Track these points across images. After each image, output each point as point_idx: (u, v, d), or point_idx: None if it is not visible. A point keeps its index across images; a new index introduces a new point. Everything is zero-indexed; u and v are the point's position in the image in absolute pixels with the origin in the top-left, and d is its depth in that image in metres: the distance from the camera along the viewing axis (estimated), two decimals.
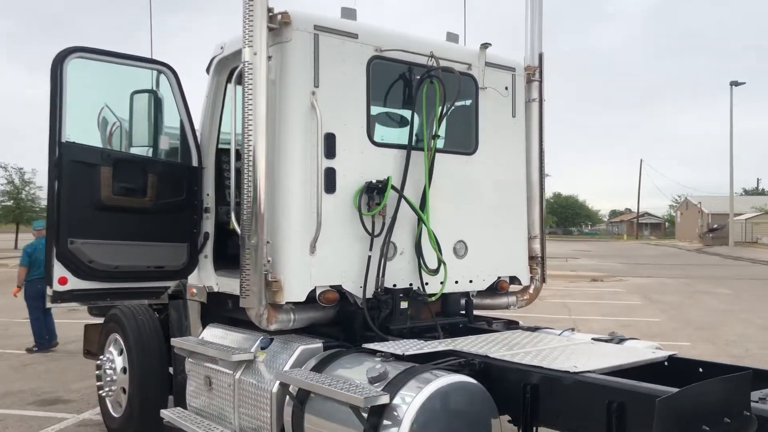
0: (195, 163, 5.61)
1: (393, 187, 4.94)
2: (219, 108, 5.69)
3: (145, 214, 5.35)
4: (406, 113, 5.48)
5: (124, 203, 5.24)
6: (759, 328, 13.82)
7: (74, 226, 5.04)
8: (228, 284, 5.40)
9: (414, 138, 5.21)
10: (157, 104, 5.59)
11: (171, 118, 5.79)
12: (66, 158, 4.99)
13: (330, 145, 4.76)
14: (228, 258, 5.74)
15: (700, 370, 4.18)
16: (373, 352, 4.36)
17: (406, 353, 4.17)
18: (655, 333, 12.54)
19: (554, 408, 3.78)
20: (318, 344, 4.69)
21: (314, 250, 4.69)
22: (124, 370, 6.23)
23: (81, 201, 5.08)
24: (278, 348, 4.75)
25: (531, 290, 6.07)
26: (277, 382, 4.46)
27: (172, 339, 5.56)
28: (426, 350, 4.24)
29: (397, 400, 3.68)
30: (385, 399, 3.66)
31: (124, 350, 6.25)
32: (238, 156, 4.77)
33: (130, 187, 5.29)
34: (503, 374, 4.01)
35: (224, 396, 4.93)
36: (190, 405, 5.39)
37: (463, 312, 5.60)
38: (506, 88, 5.81)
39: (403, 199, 5.01)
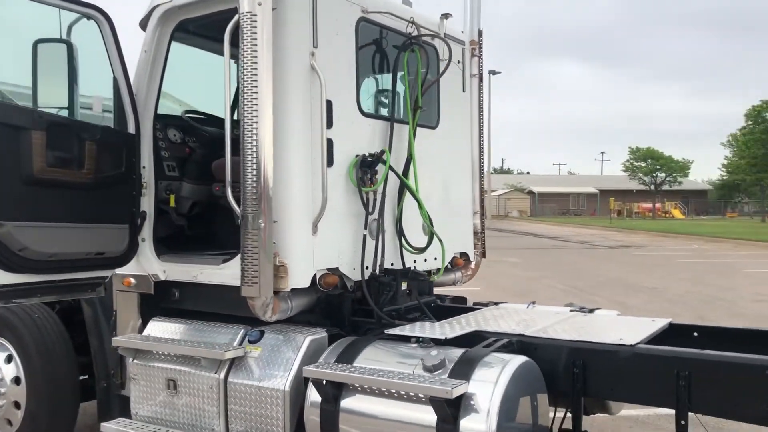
0: (132, 129, 4.74)
1: (384, 162, 4.60)
2: (160, 67, 4.85)
3: (82, 191, 4.40)
4: (386, 83, 5.14)
5: (60, 177, 4.26)
6: (563, 291, 15.34)
7: (2, 206, 3.99)
8: (179, 271, 4.68)
9: (394, 110, 4.91)
10: (70, 57, 4.61)
11: (92, 76, 4.83)
12: None
13: (329, 113, 4.28)
14: (165, 241, 4.97)
15: (695, 334, 4.47)
16: (399, 338, 4.05)
17: (449, 337, 3.93)
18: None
19: (608, 381, 3.81)
20: (322, 334, 4.25)
21: (316, 230, 4.21)
22: (16, 380, 5.15)
23: (8, 174, 4.02)
24: (275, 341, 4.22)
25: (472, 266, 6.07)
26: (290, 380, 3.97)
27: (114, 339, 4.68)
28: (459, 333, 4.03)
29: (472, 388, 3.45)
30: (465, 388, 3.42)
31: (16, 357, 5.17)
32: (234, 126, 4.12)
33: (66, 157, 4.31)
34: (545, 351, 3.94)
35: (202, 399, 4.27)
36: (138, 414, 4.60)
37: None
38: (458, 62, 5.69)
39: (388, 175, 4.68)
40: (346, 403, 3.75)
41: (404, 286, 4.63)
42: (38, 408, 5.07)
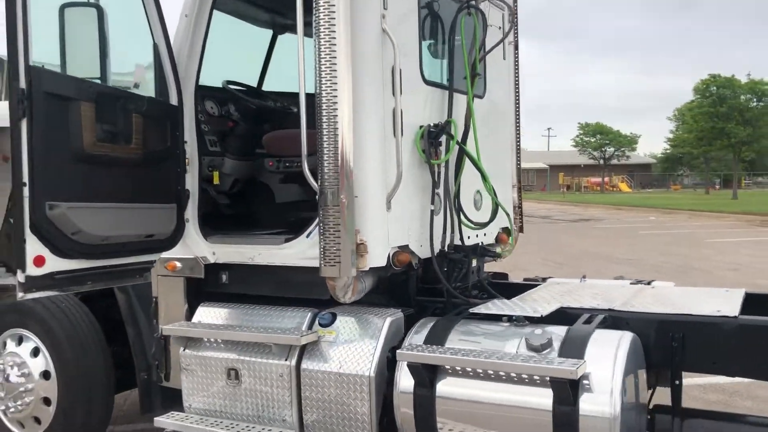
0: (173, 101, 4.37)
1: (448, 134, 4.36)
2: (202, 32, 4.49)
3: (130, 168, 4.04)
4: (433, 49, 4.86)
5: (109, 152, 3.88)
6: (545, 265, 15.43)
7: (54, 185, 3.61)
8: (232, 253, 4.37)
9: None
10: (101, 22, 4.21)
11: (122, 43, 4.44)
12: (38, 89, 3.51)
13: (397, 80, 4.01)
14: (208, 221, 4.64)
15: None
16: (482, 318, 3.85)
17: (544, 314, 3.74)
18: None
19: (710, 355, 3.69)
20: (399, 315, 4.01)
21: (390, 206, 3.95)
22: (45, 375, 4.77)
23: (59, 150, 3.64)
24: (350, 324, 3.97)
25: (512, 241, 5.89)
26: (375, 365, 3.73)
27: (165, 327, 4.34)
28: (550, 310, 3.84)
29: (590, 367, 3.28)
30: (585, 367, 3.24)
31: (44, 349, 4.78)
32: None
33: (115, 130, 3.94)
34: (638, 326, 3.79)
35: (270, 388, 4.00)
36: (192, 407, 4.30)
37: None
38: (499, 28, 5.46)
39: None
40: (444, 387, 3.54)
41: (474, 263, 4.42)
42: (72, 403, 4.70)
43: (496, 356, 3.38)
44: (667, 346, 3.70)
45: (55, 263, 3.65)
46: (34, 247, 3.55)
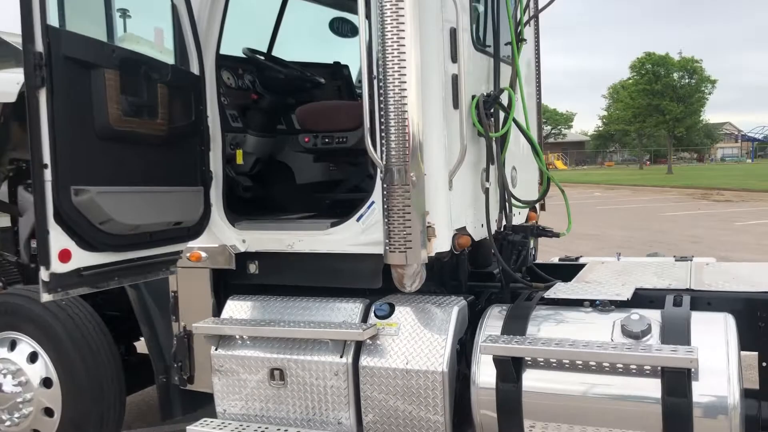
0: (195, 70, 3.87)
1: (500, 104, 4.01)
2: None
3: (157, 146, 3.54)
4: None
5: (135, 128, 3.37)
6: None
7: (79, 167, 3.09)
8: (267, 240, 3.94)
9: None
10: None
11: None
12: (57, 52, 2.97)
13: (454, 45, 3.63)
14: (234, 206, 4.17)
15: None
16: (561, 303, 3.55)
17: (629, 297, 3.45)
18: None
19: None
20: (464, 302, 3.67)
21: (451, 185, 3.58)
22: (45, 382, 4.23)
23: (84, 125, 3.11)
24: (411, 314, 3.60)
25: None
26: (447, 359, 3.38)
27: (195, 325, 3.87)
28: (629, 293, 3.55)
29: (702, 353, 3.01)
30: (697, 354, 2.97)
31: (43, 354, 4.25)
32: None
33: (141, 103, 3.42)
34: (721, 306, 3.55)
35: (323, 389, 3.60)
36: (227, 412, 3.86)
37: None
38: None
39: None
40: (532, 381, 3.22)
41: (532, 244, 4.10)
42: (82, 412, 4.19)
43: (597, 346, 3.07)
44: (753, 327, 3.48)
45: (82, 258, 3.14)
46: (58, 239, 3.03)
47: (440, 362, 3.38)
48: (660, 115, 50.40)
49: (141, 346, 4.94)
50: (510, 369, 3.18)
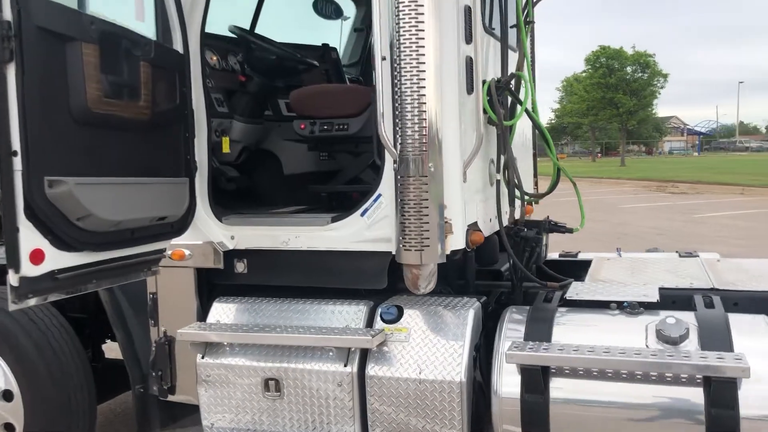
0: (178, 47, 3.48)
1: (511, 91, 3.73)
2: None
3: (140, 132, 3.14)
4: None
5: (117, 111, 2.97)
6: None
7: (54, 154, 2.68)
8: (259, 236, 3.58)
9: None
10: None
11: None
12: (28, 22, 2.55)
13: (469, 24, 3.32)
14: (220, 199, 3.80)
15: None
16: (583, 304, 3.29)
17: (657, 298, 3.21)
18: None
19: None
20: (477, 304, 3.38)
21: (465, 177, 3.28)
22: (5, 395, 3.80)
23: (60, 107, 2.70)
24: (422, 318, 3.29)
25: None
26: (465, 367, 3.09)
27: (180, 331, 3.49)
28: (656, 294, 3.32)
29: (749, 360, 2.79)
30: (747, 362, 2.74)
31: (2, 365, 3.82)
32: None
33: (123, 83, 3.02)
34: (750, 306, 3.34)
35: (325, 401, 3.28)
36: (215, 426, 3.51)
37: None
38: None
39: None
40: (561, 391, 2.95)
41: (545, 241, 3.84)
42: (45, 427, 3.77)
43: (635, 353, 2.81)
44: None
45: (56, 258, 2.73)
46: (30, 238, 2.63)
47: (457, 371, 3.09)
48: (614, 108, 51.11)
49: (110, 349, 4.55)
50: (538, 379, 2.91)
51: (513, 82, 3.68)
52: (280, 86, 4.19)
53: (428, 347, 3.18)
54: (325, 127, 3.69)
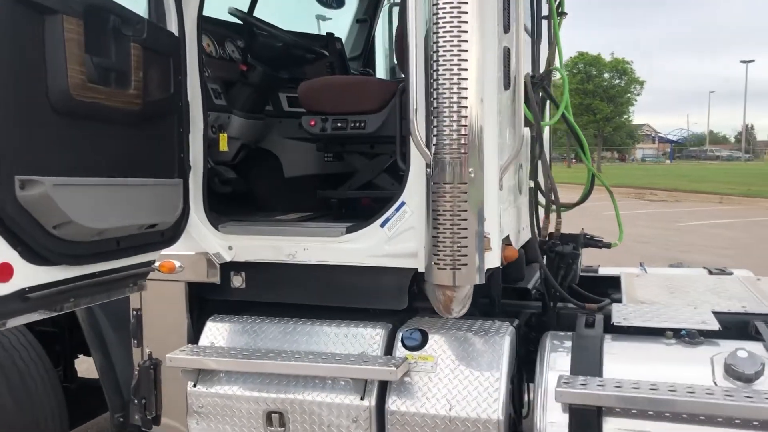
0: (173, 28, 3.03)
1: (545, 90, 3.35)
2: None
3: (129, 126, 2.69)
4: None
5: (104, 100, 2.51)
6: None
7: (27, 150, 2.22)
8: (261, 247, 3.15)
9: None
10: None
11: None
12: None
13: (507, 11, 2.92)
14: (216, 204, 3.36)
15: None
16: (635, 331, 2.91)
17: (719, 327, 2.84)
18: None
19: None
20: (511, 329, 2.98)
21: (501, 184, 2.88)
22: None
23: (34, 93, 2.24)
24: (449, 345, 2.88)
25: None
26: (502, 403, 2.69)
27: (170, 356, 3.03)
28: (712, 321, 2.95)
29: None
30: None
31: None
32: None
33: (111, 67, 2.57)
34: None
35: None
36: None
37: None
38: None
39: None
40: None
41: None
42: None
43: (706, 392, 2.43)
44: None
45: (28, 274, 2.27)
46: None
47: (494, 408, 2.68)
48: (591, 115, 51.20)
49: (83, 365, 4.09)
50: (592, 419, 2.51)
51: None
52: (284, 78, 3.75)
53: (459, 379, 2.77)
54: (339, 124, 3.26)
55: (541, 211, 3.70)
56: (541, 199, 3.67)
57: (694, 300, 3.35)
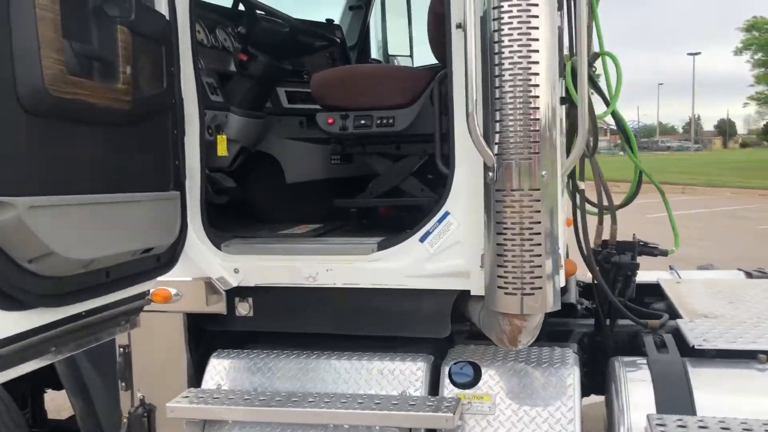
0: (164, 12, 2.51)
1: (590, 77, 2.92)
2: None
3: (118, 128, 2.17)
4: None
5: (87, 97, 1.99)
6: None
7: None
8: (274, 269, 2.66)
9: None
10: None
11: None
12: None
13: None
14: (215, 218, 2.85)
15: None
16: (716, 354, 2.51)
17: None
18: None
19: None
20: (576, 357, 2.55)
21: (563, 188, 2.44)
22: None
23: (2, 88, 1.72)
24: (506, 381, 2.44)
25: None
26: None
27: (171, 405, 2.51)
28: None
29: None
30: None
31: None
32: None
33: (95, 55, 2.05)
34: None
35: None
36: None
37: None
38: None
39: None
40: None
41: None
42: None
43: None
44: None
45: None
46: None
47: None
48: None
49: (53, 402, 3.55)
50: None
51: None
52: (287, 70, 3.25)
53: (524, 422, 2.33)
54: (363, 121, 2.77)
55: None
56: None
57: (763, 311, 2.98)
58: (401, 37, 4.80)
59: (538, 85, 2.07)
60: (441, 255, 2.45)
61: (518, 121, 2.07)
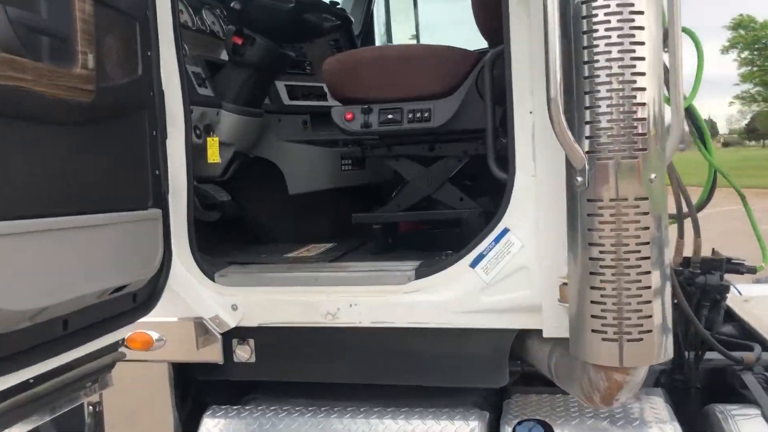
0: None
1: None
2: None
3: (79, 127, 1.61)
4: None
5: (34, 86, 1.43)
6: None
7: None
8: (281, 304, 2.11)
9: None
10: None
11: None
12: None
13: None
14: (204, 240, 2.29)
15: None
16: None
17: None
18: None
19: None
20: (663, 403, 2.02)
21: None
22: None
23: None
24: None
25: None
26: None
27: None
28: None
29: None
30: None
31: None
32: None
33: (44, 28, 1.49)
34: None
35: None
36: None
37: None
38: None
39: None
40: None
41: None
42: None
43: None
44: None
45: None
46: None
47: None
48: None
49: None
50: None
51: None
52: (290, 57, 2.69)
53: None
54: (390, 116, 2.21)
55: None
56: None
57: None
58: (407, 25, 4.35)
59: (643, 58, 1.53)
60: (500, 284, 1.92)
61: (619, 108, 1.54)
